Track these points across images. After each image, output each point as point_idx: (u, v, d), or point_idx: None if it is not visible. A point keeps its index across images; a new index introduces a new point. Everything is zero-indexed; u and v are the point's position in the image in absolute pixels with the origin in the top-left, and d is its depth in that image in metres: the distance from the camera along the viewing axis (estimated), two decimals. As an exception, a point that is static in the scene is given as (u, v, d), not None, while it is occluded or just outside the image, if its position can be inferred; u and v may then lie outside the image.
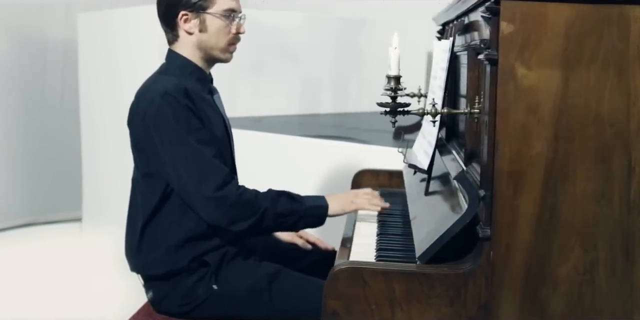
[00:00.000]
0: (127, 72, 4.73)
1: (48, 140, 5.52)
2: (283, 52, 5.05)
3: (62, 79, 5.61)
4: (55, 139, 5.53)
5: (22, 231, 5.37)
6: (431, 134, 2.09)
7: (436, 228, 1.69)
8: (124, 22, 4.76)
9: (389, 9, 5.71)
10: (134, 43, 4.68)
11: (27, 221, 5.46)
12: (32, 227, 5.44)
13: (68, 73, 5.50)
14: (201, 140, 2.21)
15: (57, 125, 5.54)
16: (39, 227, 5.44)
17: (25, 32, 5.42)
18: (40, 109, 5.50)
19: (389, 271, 1.59)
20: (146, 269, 2.30)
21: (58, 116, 5.55)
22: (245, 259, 2.30)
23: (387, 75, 1.77)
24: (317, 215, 2.28)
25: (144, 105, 2.23)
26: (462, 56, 2.21)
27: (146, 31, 4.58)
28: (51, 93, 5.60)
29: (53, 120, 5.54)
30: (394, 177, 2.90)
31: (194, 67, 2.34)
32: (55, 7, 5.50)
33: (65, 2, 5.51)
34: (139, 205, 2.32)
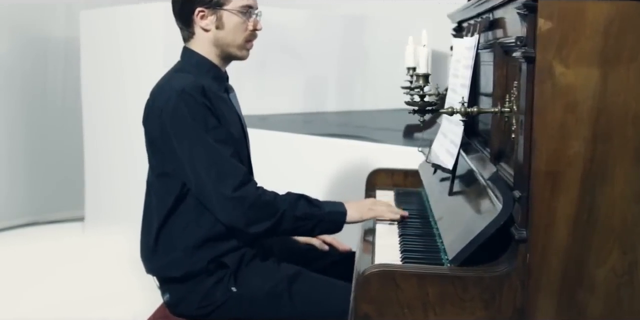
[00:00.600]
0: (130, 71, 4.69)
1: (50, 139, 5.48)
2: (287, 50, 5.01)
3: (64, 78, 5.56)
4: (58, 138, 5.49)
5: (24, 231, 5.34)
6: (455, 133, 2.05)
7: (468, 229, 1.65)
8: (127, 20, 4.71)
9: (392, 6, 5.67)
10: (137, 41, 4.64)
11: (29, 220, 5.43)
12: (34, 226, 5.41)
13: (70, 71, 5.46)
14: (219, 139, 2.18)
15: (59, 124, 5.50)
16: (41, 227, 5.40)
17: (27, 31, 5.37)
18: (42, 108, 5.46)
19: (423, 274, 1.55)
20: (162, 270, 2.26)
21: (60, 115, 5.51)
22: (264, 260, 2.26)
23: (415, 73, 1.73)
24: (335, 221, 2.24)
25: (160, 103, 2.19)
26: (483, 54, 2.18)
27: (149, 29, 4.54)
28: (53, 92, 5.55)
29: (55, 119, 5.50)
30: (409, 176, 2.86)
31: (210, 65, 2.30)
32: (56, 5, 5.45)
33: (67, 0, 5.45)
34: (154, 207, 2.29)
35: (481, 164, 1.79)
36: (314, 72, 5.22)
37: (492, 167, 1.65)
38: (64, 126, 5.48)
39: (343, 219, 2.24)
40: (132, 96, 4.68)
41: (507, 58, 1.84)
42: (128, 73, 4.73)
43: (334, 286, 2.20)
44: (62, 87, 5.57)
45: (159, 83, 2.30)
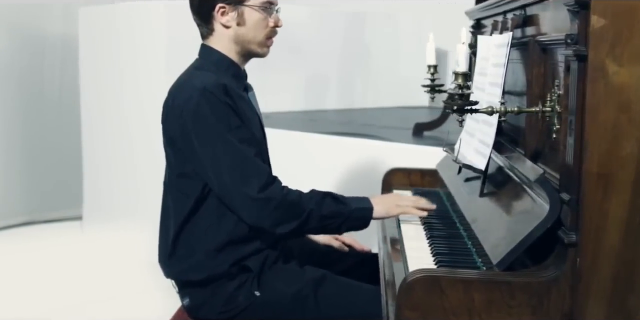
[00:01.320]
0: (130, 69, 4.63)
1: (47, 137, 5.40)
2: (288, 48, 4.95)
3: (61, 75, 5.49)
4: (55, 136, 5.41)
5: (22, 230, 5.26)
6: (485, 133, 2.00)
7: (511, 233, 1.60)
8: (127, 18, 4.64)
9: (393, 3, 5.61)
10: (137, 39, 4.57)
11: (26, 220, 5.35)
12: (32, 225, 5.33)
13: (67, 69, 5.38)
14: (242, 139, 2.12)
15: (56, 122, 5.42)
16: (39, 226, 5.33)
17: (24, 28, 5.29)
18: (39, 106, 5.38)
19: (469, 280, 1.51)
20: (183, 274, 2.20)
21: (57, 113, 5.43)
22: (286, 262, 2.21)
23: (454, 72, 1.68)
24: (362, 218, 2.19)
25: (181, 102, 2.13)
26: (511, 51, 2.13)
27: (150, 27, 4.48)
28: (50, 90, 5.47)
29: (52, 117, 5.42)
30: (426, 176, 2.82)
31: (230, 63, 2.24)
32: (53, 2, 5.36)
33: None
34: (173, 208, 2.22)
35: (519, 164, 1.74)
36: (315, 70, 5.16)
37: (535, 168, 1.60)
38: (61, 124, 5.40)
39: (370, 215, 2.18)
40: (132, 94, 4.64)
41: (545, 56, 1.79)
42: (128, 71, 4.66)
43: (360, 289, 2.15)
44: (59, 85, 5.49)
45: (178, 81, 2.24)
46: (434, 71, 2.53)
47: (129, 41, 4.63)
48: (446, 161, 2.75)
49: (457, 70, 1.67)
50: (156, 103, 4.42)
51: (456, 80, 1.67)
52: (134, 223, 4.63)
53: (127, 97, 4.69)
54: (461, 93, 1.67)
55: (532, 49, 1.84)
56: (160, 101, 4.44)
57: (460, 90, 1.67)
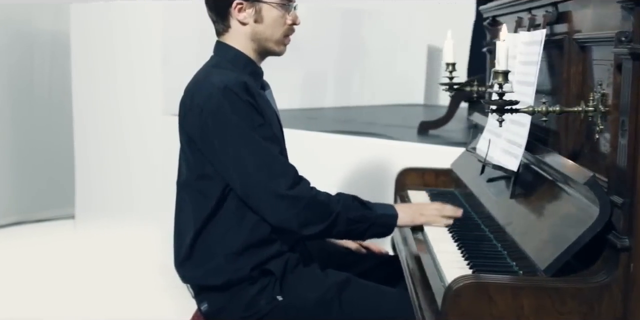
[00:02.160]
0: (124, 68, 4.55)
1: (38, 135, 5.31)
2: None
3: (51, 72, 5.39)
4: (46, 134, 5.32)
5: (13, 230, 5.17)
6: (516, 133, 1.95)
7: (557, 237, 1.55)
8: (122, 16, 4.56)
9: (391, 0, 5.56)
10: (132, 38, 4.49)
11: (17, 219, 5.26)
12: (23, 225, 5.24)
13: (57, 66, 5.29)
14: (266, 137, 2.06)
15: (47, 120, 5.33)
16: (30, 226, 5.24)
17: (13, 25, 5.19)
18: (29, 103, 5.30)
19: (518, 286, 1.45)
20: (201, 279, 2.13)
21: (48, 110, 5.34)
22: (306, 266, 2.15)
23: (493, 70, 1.62)
24: (387, 225, 2.13)
25: (200, 101, 2.07)
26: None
27: (146, 26, 4.40)
28: (40, 87, 5.38)
29: (43, 115, 5.33)
30: (440, 176, 2.77)
31: (247, 60, 2.18)
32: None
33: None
34: (190, 210, 2.16)
35: (559, 165, 1.69)
36: (312, 68, 5.10)
37: (583, 170, 1.55)
38: (52, 122, 5.32)
39: (394, 222, 2.13)
40: (126, 93, 4.56)
41: (583, 54, 1.74)
42: (122, 70, 4.59)
43: (384, 293, 2.10)
44: (50, 83, 5.40)
45: (196, 79, 2.17)
46: (453, 69, 2.48)
47: (123, 40, 4.56)
48: (462, 160, 2.70)
49: (497, 68, 1.62)
50: (150, 102, 4.43)
51: (496, 79, 1.62)
52: (128, 222, 4.55)
53: (121, 96, 4.62)
54: (501, 92, 1.62)
55: (569, 47, 1.79)
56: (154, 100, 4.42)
57: (501, 89, 1.62)
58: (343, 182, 3.28)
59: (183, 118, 2.15)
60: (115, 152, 4.71)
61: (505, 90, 1.61)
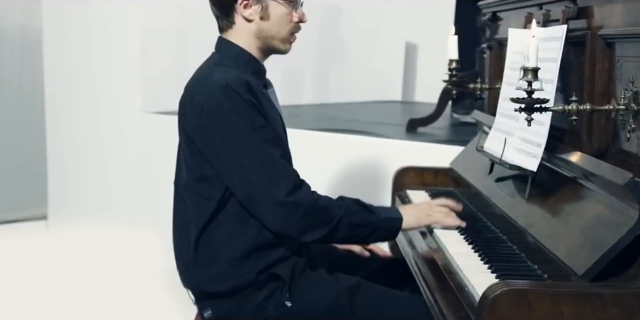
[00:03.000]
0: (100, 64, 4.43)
1: (8, 133, 5.15)
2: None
3: (21, 69, 5.24)
4: (17, 132, 5.16)
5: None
6: (534, 132, 1.89)
7: (592, 240, 1.50)
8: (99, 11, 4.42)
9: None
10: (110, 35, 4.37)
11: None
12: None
13: (27, 62, 5.14)
14: (267, 139, 1.99)
15: (17, 118, 5.17)
16: (1, 226, 5.06)
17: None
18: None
19: (558, 293, 1.40)
20: (205, 284, 2.05)
21: (18, 108, 5.18)
22: (313, 270, 2.08)
23: (522, 67, 1.57)
24: (391, 228, 2.07)
25: (201, 100, 1.98)
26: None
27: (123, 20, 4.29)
28: (9, 83, 5.22)
29: (13, 112, 5.17)
30: (439, 175, 2.71)
31: (250, 58, 2.10)
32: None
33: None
34: (190, 214, 2.07)
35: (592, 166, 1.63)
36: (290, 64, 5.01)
37: (620, 171, 1.50)
38: (23, 119, 5.16)
39: (399, 226, 2.07)
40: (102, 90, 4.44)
41: (610, 51, 1.69)
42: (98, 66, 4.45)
43: (397, 297, 2.04)
44: (18, 78, 5.24)
45: (196, 77, 2.08)
46: (456, 66, 2.42)
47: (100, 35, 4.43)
48: (462, 159, 2.65)
49: (527, 65, 1.56)
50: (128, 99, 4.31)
51: (525, 76, 1.56)
52: (104, 222, 4.43)
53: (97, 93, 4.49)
54: (530, 90, 1.56)
55: (593, 43, 1.74)
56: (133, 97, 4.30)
57: (530, 88, 1.56)
58: (335, 183, 3.21)
59: (182, 117, 2.06)
60: (90, 150, 4.58)
61: (535, 88, 1.55)
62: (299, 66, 5.06)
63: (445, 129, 3.72)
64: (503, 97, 2.21)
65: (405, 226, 2.08)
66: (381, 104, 5.35)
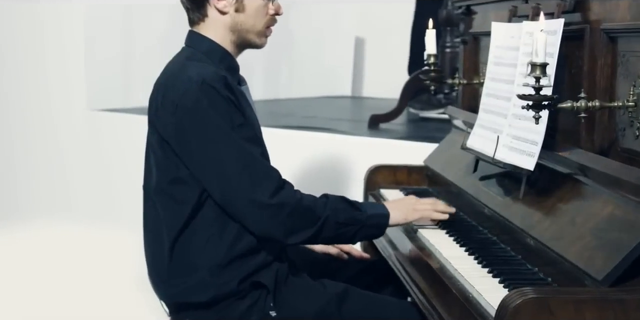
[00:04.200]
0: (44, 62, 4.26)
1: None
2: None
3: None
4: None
5: None
6: (529, 130, 1.82)
7: (607, 243, 1.44)
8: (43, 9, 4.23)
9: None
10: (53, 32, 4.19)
11: None
12: None
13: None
14: (247, 137, 1.88)
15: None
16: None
17: None
18: None
19: (580, 300, 1.33)
20: (183, 295, 1.93)
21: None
22: (296, 276, 1.98)
23: (530, 63, 1.49)
24: (378, 226, 1.98)
25: (175, 97, 1.87)
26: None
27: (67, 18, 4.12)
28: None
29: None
30: (412, 173, 2.63)
31: (224, 53, 1.99)
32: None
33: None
34: (163, 218, 1.95)
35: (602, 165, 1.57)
36: (239, 60, 4.89)
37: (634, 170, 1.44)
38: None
39: (386, 222, 1.98)
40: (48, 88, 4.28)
41: (612, 45, 1.63)
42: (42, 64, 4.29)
43: (386, 304, 1.95)
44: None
45: (168, 73, 1.96)
46: (435, 61, 2.34)
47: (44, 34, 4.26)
48: (437, 157, 2.58)
49: (535, 61, 1.48)
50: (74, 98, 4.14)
51: (533, 72, 1.48)
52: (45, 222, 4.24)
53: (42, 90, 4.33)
54: (538, 86, 1.49)
55: (593, 38, 1.68)
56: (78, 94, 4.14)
57: (537, 83, 1.48)
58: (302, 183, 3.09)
59: (154, 116, 1.94)
60: (34, 149, 4.41)
61: (543, 85, 1.48)
62: (249, 61, 4.92)
63: (405, 125, 3.66)
64: (487, 93, 2.14)
65: (393, 222, 1.99)
66: (332, 99, 5.27)
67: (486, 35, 2.41)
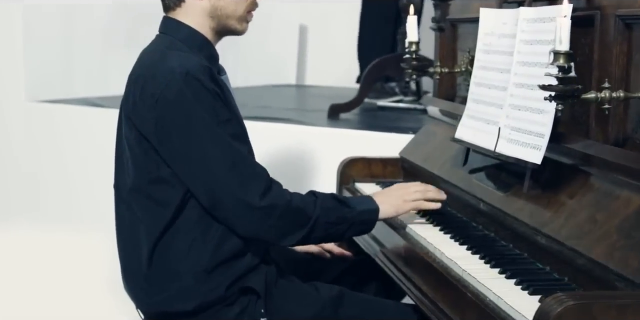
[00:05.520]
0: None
1: None
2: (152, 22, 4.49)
3: None
4: None
5: None
6: (532, 121, 1.73)
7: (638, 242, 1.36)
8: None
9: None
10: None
11: None
12: None
13: None
14: (234, 134, 1.76)
15: None
16: None
17: None
18: None
19: (624, 304, 1.24)
20: (165, 304, 1.79)
21: None
22: (286, 279, 1.86)
23: (553, 51, 1.40)
24: (368, 221, 1.87)
25: (156, 90, 1.72)
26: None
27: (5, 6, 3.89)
28: None
29: None
30: (387, 165, 2.53)
31: (203, 41, 1.85)
32: None
33: None
34: (141, 221, 1.80)
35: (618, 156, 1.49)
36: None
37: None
38: None
39: (375, 218, 1.87)
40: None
41: (628, 33, 1.55)
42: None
43: (384, 307, 1.85)
44: None
45: (145, 64, 1.81)
46: (417, 48, 2.23)
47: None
48: (414, 148, 2.48)
49: (559, 49, 1.39)
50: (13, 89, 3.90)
51: (556, 61, 1.39)
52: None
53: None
54: (564, 77, 1.39)
55: (606, 25, 1.59)
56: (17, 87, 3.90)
57: (562, 73, 1.39)
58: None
59: (131, 111, 1.78)
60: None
61: (569, 75, 1.39)
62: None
63: (364, 115, 3.55)
64: (476, 83, 2.04)
65: (383, 216, 1.88)
66: (277, 87, 5.14)
67: (466, 21, 2.33)
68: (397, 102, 3.89)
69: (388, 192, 1.97)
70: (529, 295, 1.47)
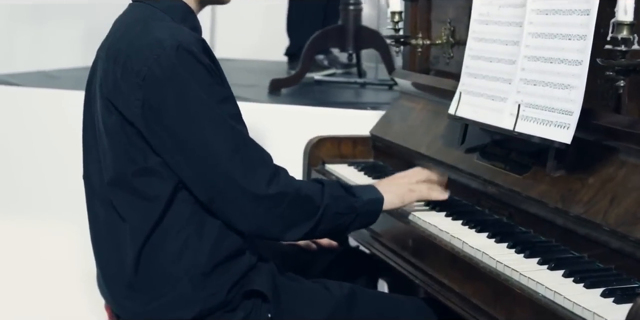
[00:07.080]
0: None
1: None
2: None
3: None
4: None
5: None
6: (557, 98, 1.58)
7: None
8: None
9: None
10: None
11: None
12: None
13: None
14: (233, 114, 1.56)
15: None
16: None
17: None
18: None
19: None
20: (157, 314, 1.58)
21: None
22: (290, 279, 1.68)
23: (614, 21, 1.26)
24: (372, 213, 1.70)
25: (141, 66, 1.50)
26: None
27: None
28: None
29: None
30: (358, 144, 2.37)
31: (185, 10, 1.64)
32: None
33: None
34: (124, 219, 1.58)
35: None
36: (94, 22, 4.42)
37: None
38: None
39: (380, 208, 1.70)
40: None
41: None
42: None
43: (400, 303, 1.71)
44: None
45: (126, 36, 1.58)
46: (399, 19, 2.07)
47: None
48: (387, 126, 2.32)
49: (622, 19, 1.25)
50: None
51: (619, 32, 1.26)
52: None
53: None
54: (625, 50, 1.26)
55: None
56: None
57: (624, 47, 1.26)
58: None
59: (111, 91, 1.54)
60: None
61: (635, 48, 1.26)
62: (104, 24, 4.44)
63: (305, 89, 3.36)
64: (472, 55, 1.90)
65: (388, 207, 1.72)
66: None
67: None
68: (331, 75, 3.72)
69: (391, 181, 1.79)
70: (586, 289, 1.34)
